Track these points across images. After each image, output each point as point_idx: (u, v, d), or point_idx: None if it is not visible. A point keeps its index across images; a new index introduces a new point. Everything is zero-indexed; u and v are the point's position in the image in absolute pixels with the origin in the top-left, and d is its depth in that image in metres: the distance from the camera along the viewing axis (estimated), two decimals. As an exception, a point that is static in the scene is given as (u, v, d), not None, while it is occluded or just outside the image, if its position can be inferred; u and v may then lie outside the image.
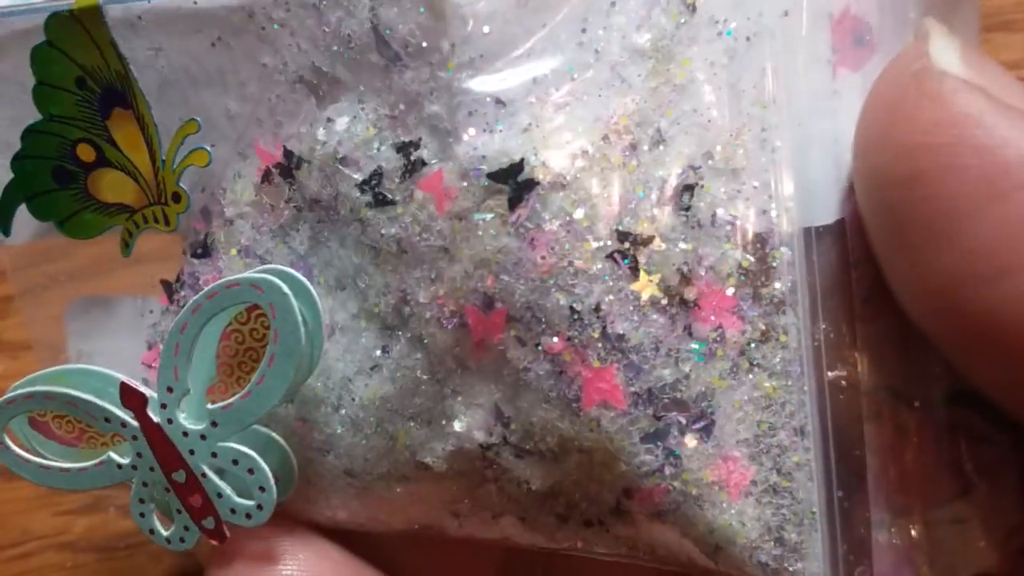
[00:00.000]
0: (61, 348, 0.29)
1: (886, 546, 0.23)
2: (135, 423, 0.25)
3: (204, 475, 0.25)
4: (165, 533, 0.27)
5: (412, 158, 0.23)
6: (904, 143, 0.20)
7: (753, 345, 0.22)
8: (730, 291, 0.22)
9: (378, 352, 0.25)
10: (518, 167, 0.22)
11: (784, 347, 0.22)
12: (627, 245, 0.22)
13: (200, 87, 0.25)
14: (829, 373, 0.23)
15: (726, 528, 0.23)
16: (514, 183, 0.22)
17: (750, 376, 0.23)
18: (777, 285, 0.22)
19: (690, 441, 0.23)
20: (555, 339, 0.22)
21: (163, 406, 0.25)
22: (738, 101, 0.22)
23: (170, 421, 0.25)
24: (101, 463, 0.26)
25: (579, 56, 0.22)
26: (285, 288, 0.23)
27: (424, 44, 0.22)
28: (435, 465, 0.25)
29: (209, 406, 0.25)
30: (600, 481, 0.24)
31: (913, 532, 0.24)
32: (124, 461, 0.26)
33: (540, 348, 0.23)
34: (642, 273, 0.22)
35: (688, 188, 0.22)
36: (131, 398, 0.25)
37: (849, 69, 0.22)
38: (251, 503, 0.25)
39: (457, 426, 0.24)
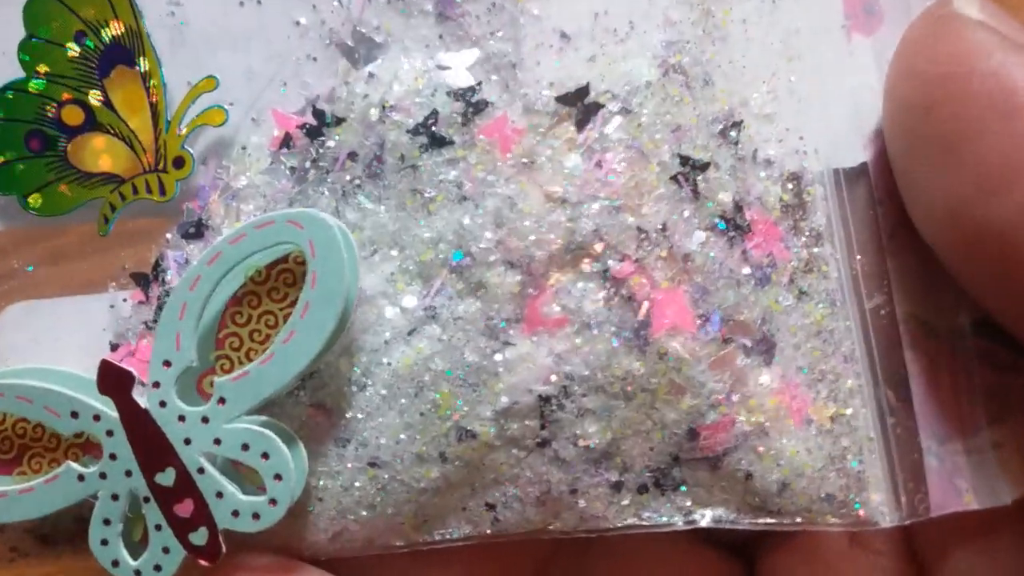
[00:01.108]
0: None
1: (935, 473, 0.24)
2: (113, 413, 0.21)
3: (201, 470, 0.20)
4: (133, 564, 0.21)
5: (474, 100, 0.23)
6: (924, 74, 0.22)
7: (800, 275, 0.23)
8: (777, 222, 0.23)
9: (420, 312, 0.22)
10: (584, 90, 0.23)
11: (826, 277, 0.24)
12: (688, 169, 0.23)
13: (217, 47, 0.24)
14: (868, 302, 0.24)
15: (794, 457, 0.23)
16: (581, 105, 0.23)
17: (800, 304, 0.23)
18: (814, 219, 0.24)
19: (756, 366, 0.23)
20: (623, 263, 0.22)
21: (155, 385, 0.21)
22: (768, 54, 0.24)
23: (163, 404, 0.21)
24: (54, 478, 0.21)
25: (635, 2, 0.23)
26: (330, 220, 0.20)
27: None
28: (482, 432, 0.23)
29: (217, 378, 0.21)
30: (662, 427, 0.23)
31: (955, 459, 0.24)
32: (88, 470, 0.21)
33: (608, 274, 0.22)
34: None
35: (735, 124, 0.23)
36: (113, 378, 0.21)
37: (862, 34, 0.25)
38: (261, 499, 0.20)
39: (514, 378, 0.22)
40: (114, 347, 0.23)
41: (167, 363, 0.21)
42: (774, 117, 0.24)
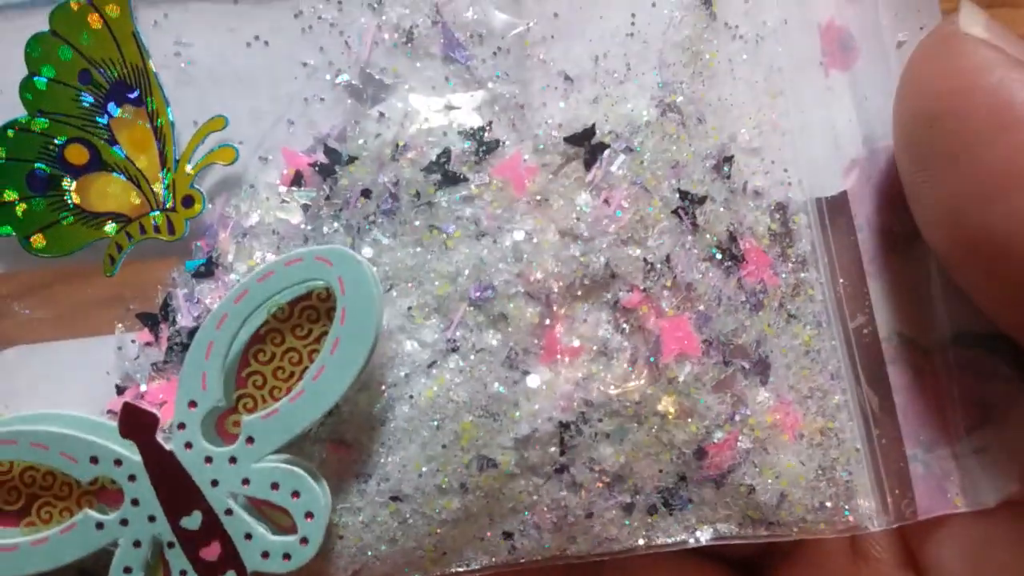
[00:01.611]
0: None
1: (921, 479, 0.25)
2: (136, 457, 0.20)
3: (229, 512, 0.20)
4: (156, 615, 0.20)
5: (485, 139, 0.23)
6: (931, 88, 0.23)
7: (788, 299, 0.25)
8: (766, 250, 0.25)
9: (441, 345, 0.23)
10: (591, 131, 0.24)
11: (812, 300, 0.25)
12: (687, 203, 0.24)
13: (224, 86, 0.24)
14: (851, 322, 0.26)
15: (791, 469, 0.24)
16: (588, 146, 0.24)
17: (789, 326, 0.25)
18: (800, 246, 0.25)
19: (753, 386, 0.24)
20: (631, 293, 0.23)
21: (181, 426, 0.20)
22: (753, 91, 0.25)
23: (189, 446, 0.20)
24: (71, 527, 0.20)
25: (631, 44, 0.24)
26: (359, 256, 0.21)
27: (494, 28, 0.23)
28: (503, 461, 0.23)
29: (245, 418, 0.20)
30: (671, 448, 0.24)
31: (942, 464, 0.25)
32: (107, 518, 0.20)
33: (619, 304, 0.23)
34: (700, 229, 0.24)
35: (727, 159, 0.25)
36: (137, 421, 0.20)
37: (838, 69, 0.26)
38: (291, 539, 0.20)
39: (534, 406, 0.23)
40: (120, 390, 0.23)
41: (193, 403, 0.20)
42: (760, 151, 0.25)
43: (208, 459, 0.20)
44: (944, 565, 0.25)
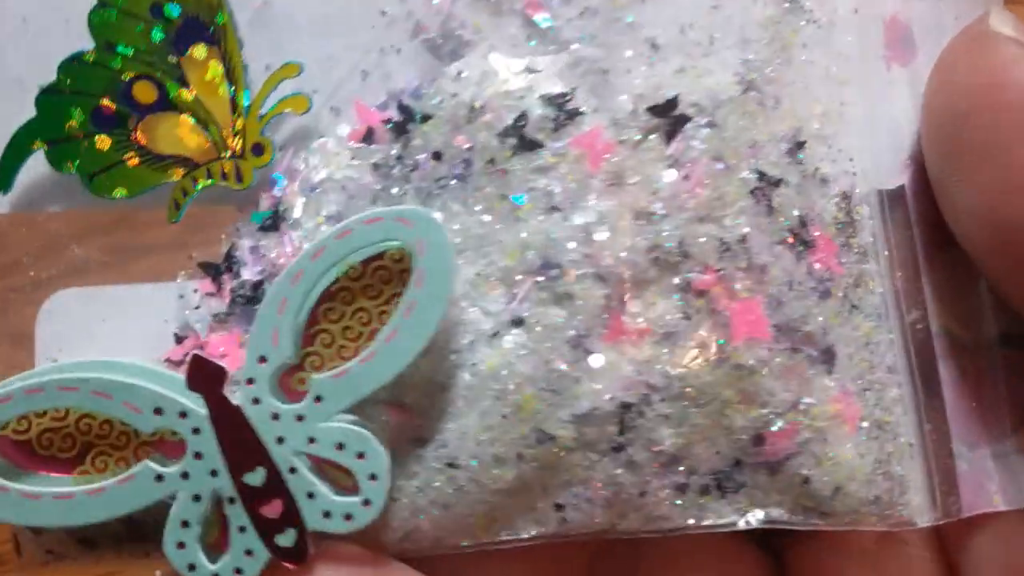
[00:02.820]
0: (28, 347, 0.22)
1: (964, 476, 0.25)
2: (201, 410, 0.20)
3: (293, 470, 0.20)
4: (211, 567, 0.20)
5: (567, 108, 0.23)
6: (961, 85, 0.24)
7: (851, 289, 0.25)
8: (833, 238, 0.25)
9: (505, 317, 0.22)
10: (673, 102, 0.23)
11: (872, 292, 0.25)
12: (764, 184, 0.24)
13: (299, 31, 0.23)
14: (907, 316, 0.25)
15: (849, 461, 0.24)
16: (670, 118, 0.23)
17: (852, 317, 0.25)
18: (862, 236, 0.25)
19: (819, 375, 0.24)
20: (705, 274, 0.23)
21: (249, 381, 0.20)
22: (824, 78, 0.25)
23: (256, 401, 0.20)
24: (129, 478, 0.20)
25: (715, 16, 0.24)
26: (439, 220, 0.20)
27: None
28: (561, 436, 0.23)
29: (314, 376, 0.20)
30: (729, 432, 0.24)
31: (984, 462, 0.25)
32: (167, 470, 0.20)
33: (690, 286, 0.23)
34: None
35: (800, 144, 0.24)
36: (206, 374, 0.20)
37: (900, 64, 0.26)
38: (354, 499, 0.20)
39: (597, 385, 0.23)
40: (179, 339, 0.22)
41: (263, 359, 0.20)
42: (829, 138, 0.25)
43: (275, 416, 0.20)
44: (977, 556, 0.25)
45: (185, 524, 0.20)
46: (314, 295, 0.20)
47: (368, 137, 0.23)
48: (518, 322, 0.23)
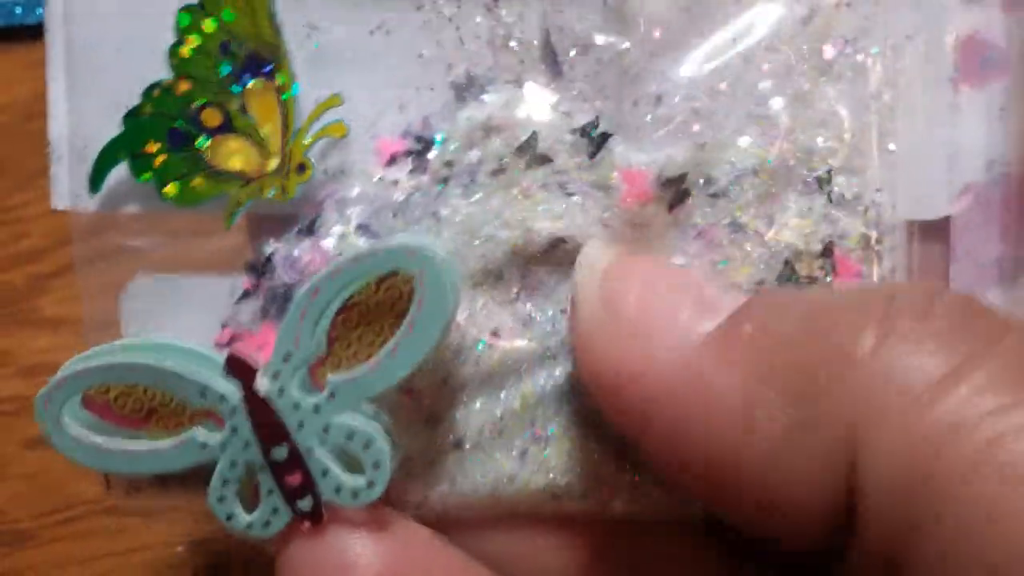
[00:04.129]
0: (113, 326, 0.27)
1: None
2: (237, 395, 0.24)
3: (310, 450, 0.24)
4: (246, 518, 0.25)
5: (596, 133, 0.25)
6: None
7: None
8: (855, 264, 0.26)
9: (509, 309, 0.26)
10: (683, 177, 0.25)
11: None
12: (789, 257, 0.25)
13: (346, 69, 0.26)
14: None
15: None
16: (679, 190, 0.25)
17: None
18: (883, 266, 0.25)
19: None
20: None
21: (275, 375, 0.24)
22: (862, 108, 0.25)
23: (281, 392, 0.24)
24: (181, 442, 0.24)
25: (734, 63, 0.25)
26: (442, 254, 0.23)
27: (598, 42, 0.24)
28: (556, 433, 0.26)
29: (330, 376, 0.24)
30: None
31: None
32: (211, 440, 0.24)
33: None
34: None
35: (829, 173, 0.25)
36: (240, 368, 0.24)
37: (971, 87, 0.26)
38: (360, 481, 0.24)
39: None
40: (225, 328, 0.27)
41: (287, 357, 0.24)
42: (860, 169, 0.25)
43: (296, 406, 0.24)
44: None
45: (224, 483, 0.25)
46: (330, 311, 0.24)
47: (391, 162, 0.26)
48: (523, 321, 0.26)
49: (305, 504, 0.24)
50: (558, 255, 0.25)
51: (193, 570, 0.31)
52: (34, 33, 0.26)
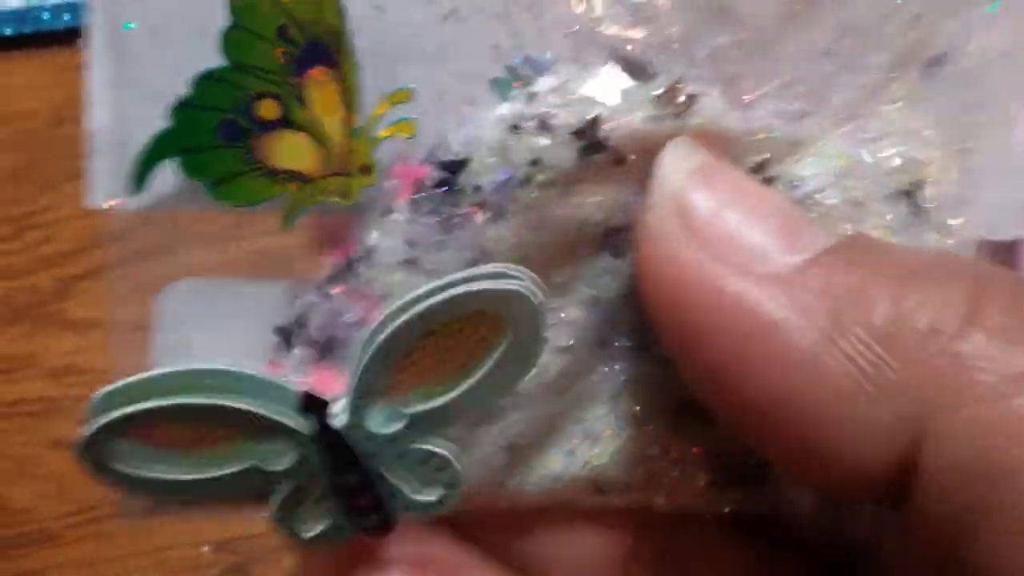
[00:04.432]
0: (141, 330, 0.25)
1: None
2: (309, 429, 0.22)
3: (381, 476, 0.23)
4: (310, 533, 0.24)
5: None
6: None
7: None
8: None
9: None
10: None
11: None
12: None
13: (413, 60, 0.23)
14: None
15: None
16: None
17: None
18: None
19: None
20: None
21: (350, 408, 0.22)
22: (947, 122, 0.25)
23: (354, 426, 0.23)
24: (242, 471, 0.23)
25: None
26: (540, 295, 0.22)
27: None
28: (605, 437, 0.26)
29: (408, 408, 0.23)
30: None
31: None
32: (274, 468, 0.23)
33: None
34: None
35: (917, 183, 0.25)
36: (314, 403, 0.22)
37: None
38: (431, 499, 0.24)
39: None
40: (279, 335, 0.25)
41: (360, 392, 0.22)
42: (945, 178, 0.25)
43: (369, 438, 0.23)
44: None
45: (287, 504, 0.23)
46: (407, 346, 0.22)
47: (418, 189, 0.24)
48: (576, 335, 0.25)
49: (371, 521, 0.24)
50: (612, 247, 0.24)
51: (217, 570, 0.31)
52: (61, 39, 0.23)
